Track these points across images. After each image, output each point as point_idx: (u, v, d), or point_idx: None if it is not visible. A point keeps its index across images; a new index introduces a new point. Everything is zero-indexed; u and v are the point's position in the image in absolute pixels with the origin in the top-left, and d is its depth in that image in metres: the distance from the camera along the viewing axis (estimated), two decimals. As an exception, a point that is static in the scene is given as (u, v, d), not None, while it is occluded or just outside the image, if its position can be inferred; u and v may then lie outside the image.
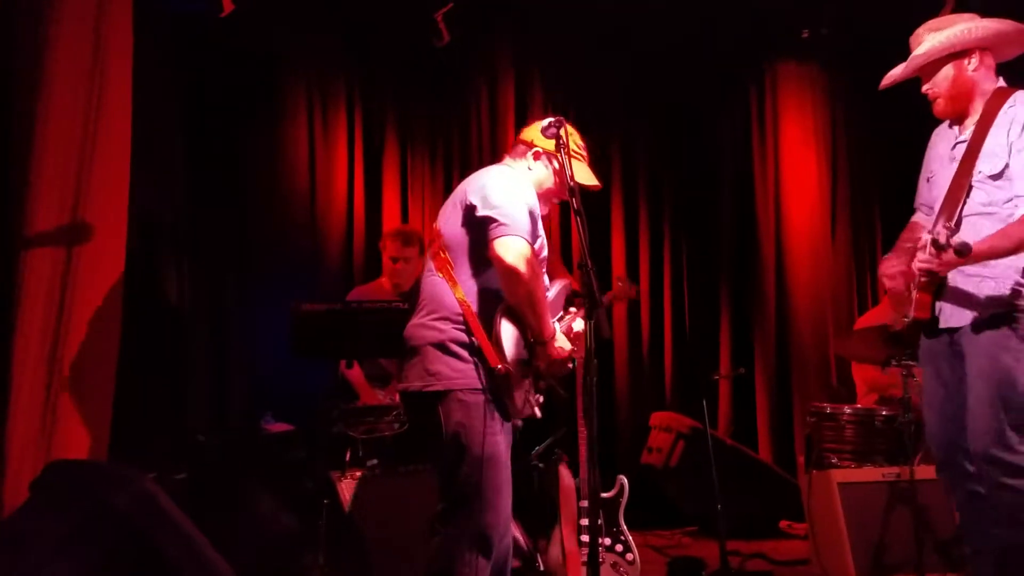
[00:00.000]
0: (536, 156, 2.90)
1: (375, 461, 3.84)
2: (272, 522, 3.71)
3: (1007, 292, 2.83)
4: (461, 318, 2.66)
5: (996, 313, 2.83)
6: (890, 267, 3.01)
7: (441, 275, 2.74)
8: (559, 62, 5.86)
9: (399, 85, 5.60)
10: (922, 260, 2.79)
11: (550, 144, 2.81)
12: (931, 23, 3.01)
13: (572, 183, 2.63)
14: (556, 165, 2.88)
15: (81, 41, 3.26)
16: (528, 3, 5.57)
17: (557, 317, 2.91)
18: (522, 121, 2.99)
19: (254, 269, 5.19)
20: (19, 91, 3.19)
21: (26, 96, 3.18)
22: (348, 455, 3.90)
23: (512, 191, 2.72)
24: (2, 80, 3.14)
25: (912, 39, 3.04)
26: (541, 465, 3.93)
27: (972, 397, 2.86)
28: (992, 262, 2.83)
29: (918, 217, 3.20)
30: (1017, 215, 2.81)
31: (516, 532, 3.84)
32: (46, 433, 3.12)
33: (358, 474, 3.76)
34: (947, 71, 2.95)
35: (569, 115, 5.55)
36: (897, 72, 3.06)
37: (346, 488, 3.72)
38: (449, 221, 2.79)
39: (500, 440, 2.67)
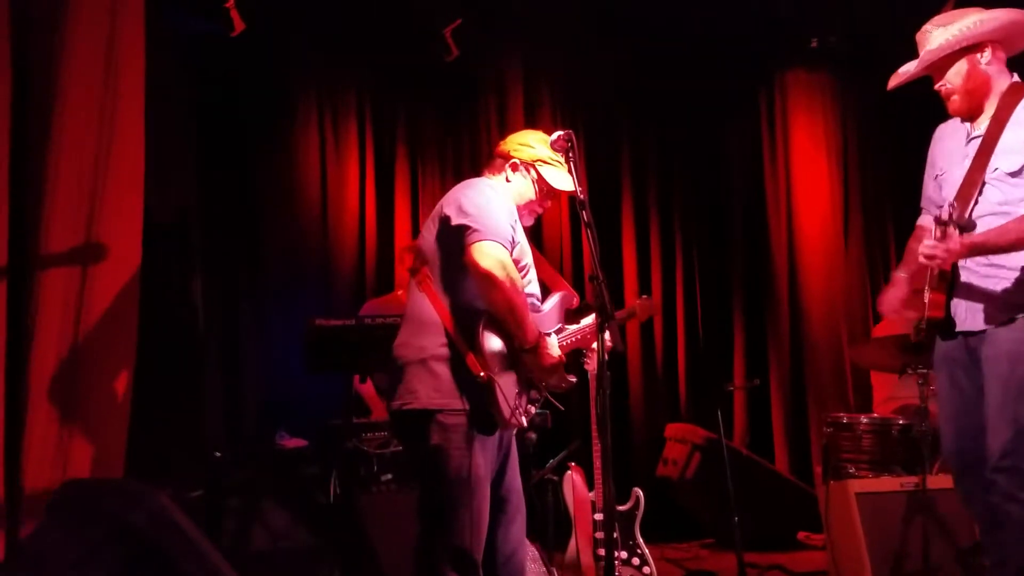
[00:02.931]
0: (514, 168, 2.88)
1: (389, 476, 3.84)
2: (287, 538, 3.71)
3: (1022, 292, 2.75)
4: (443, 332, 2.63)
5: (1015, 316, 2.74)
6: (893, 295, 2.95)
7: (421, 290, 2.72)
8: (567, 75, 5.88)
9: (409, 100, 5.63)
10: (926, 246, 2.69)
11: (526, 154, 2.83)
12: (938, 19, 2.89)
13: (581, 196, 2.60)
14: (535, 175, 2.86)
15: (93, 59, 3.28)
16: (535, 16, 5.58)
17: (555, 328, 2.87)
18: (532, 134, 2.99)
19: (268, 284, 5.21)
20: (33, 108, 3.21)
21: (39, 116, 3.21)
22: (362, 470, 3.90)
23: (487, 199, 2.70)
24: (17, 96, 3.16)
25: (919, 36, 2.92)
26: (556, 478, 3.91)
27: (990, 405, 2.77)
28: (1007, 261, 2.75)
29: (924, 219, 3.08)
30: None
31: (532, 547, 3.83)
32: (62, 451, 3.12)
33: (372, 489, 3.75)
34: (960, 66, 2.84)
35: (578, 127, 5.60)
36: (908, 70, 2.95)
37: (361, 503, 3.72)
38: (427, 236, 2.77)
39: (480, 460, 2.62)
